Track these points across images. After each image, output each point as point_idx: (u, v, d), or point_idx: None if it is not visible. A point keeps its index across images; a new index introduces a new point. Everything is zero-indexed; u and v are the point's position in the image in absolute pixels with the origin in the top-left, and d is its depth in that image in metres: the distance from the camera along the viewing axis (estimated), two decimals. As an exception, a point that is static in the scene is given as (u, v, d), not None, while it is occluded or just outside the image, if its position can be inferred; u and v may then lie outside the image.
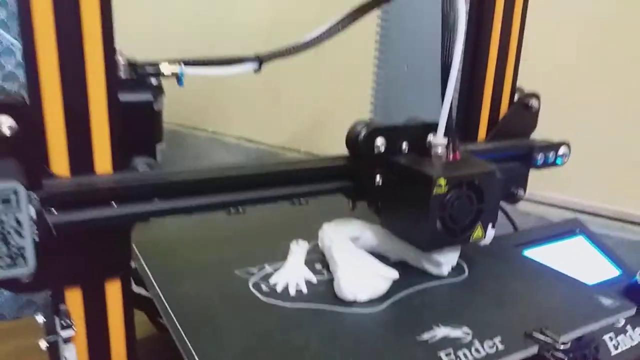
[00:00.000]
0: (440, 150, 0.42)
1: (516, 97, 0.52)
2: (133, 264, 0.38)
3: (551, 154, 0.51)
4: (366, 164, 0.41)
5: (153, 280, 0.39)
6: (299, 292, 0.39)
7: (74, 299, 0.35)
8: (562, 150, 0.51)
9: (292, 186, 0.39)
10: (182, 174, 0.35)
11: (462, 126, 0.51)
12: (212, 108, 1.45)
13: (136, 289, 0.41)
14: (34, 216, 0.29)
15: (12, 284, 0.31)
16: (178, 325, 0.33)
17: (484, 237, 0.42)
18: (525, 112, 0.52)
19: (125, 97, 0.34)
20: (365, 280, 0.38)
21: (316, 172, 0.40)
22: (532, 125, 0.53)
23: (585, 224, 0.56)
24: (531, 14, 0.50)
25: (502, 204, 0.56)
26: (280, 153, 1.48)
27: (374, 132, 0.41)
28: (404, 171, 0.40)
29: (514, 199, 0.53)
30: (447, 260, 0.42)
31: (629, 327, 0.45)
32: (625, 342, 0.44)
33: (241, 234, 0.47)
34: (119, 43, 0.33)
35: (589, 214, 1.04)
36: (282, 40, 0.45)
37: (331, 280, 0.39)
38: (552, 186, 0.83)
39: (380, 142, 0.41)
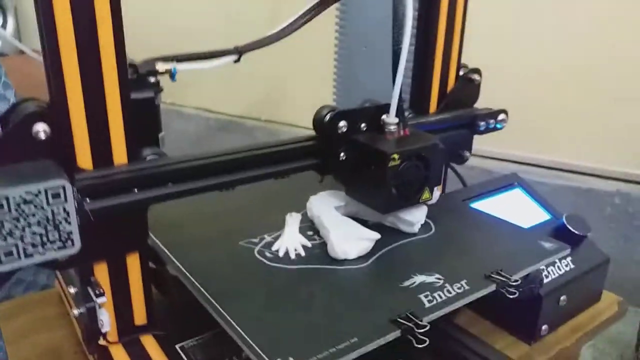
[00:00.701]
0: (392, 127, 0.48)
1: (461, 73, 0.60)
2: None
3: (491, 121, 0.59)
4: (331, 143, 0.48)
5: (169, 254, 0.45)
6: (297, 255, 0.45)
7: (101, 272, 0.41)
8: (501, 116, 0.60)
9: (273, 165, 0.45)
10: (188, 161, 0.41)
11: (417, 100, 0.58)
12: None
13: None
14: (76, 206, 0.34)
15: (52, 264, 0.37)
16: (203, 289, 0.40)
17: (431, 197, 0.50)
18: (469, 85, 0.60)
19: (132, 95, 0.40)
20: (353, 242, 0.45)
21: (291, 152, 0.46)
22: (476, 96, 0.61)
23: (522, 178, 0.65)
24: None
25: (452, 164, 0.65)
26: (240, 122, 1.53)
27: (337, 115, 0.47)
28: (363, 148, 0.47)
29: (461, 159, 0.62)
30: (417, 220, 0.49)
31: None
32: (554, 271, 0.54)
33: (237, 209, 0.53)
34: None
35: (526, 164, 1.16)
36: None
37: (323, 244, 0.47)
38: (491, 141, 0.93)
39: (342, 124, 0.47)
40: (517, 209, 0.61)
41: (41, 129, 0.35)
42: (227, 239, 0.48)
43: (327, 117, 0.47)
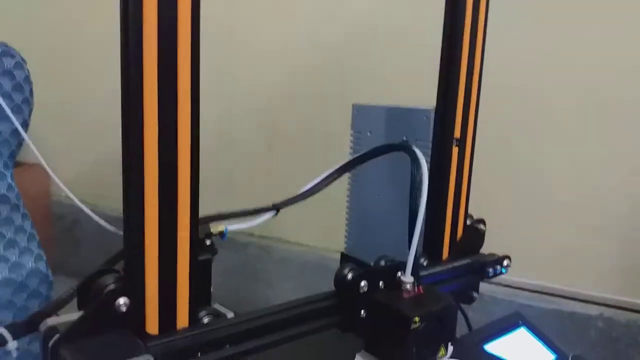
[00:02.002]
0: (409, 286, 0.52)
1: (468, 222, 0.66)
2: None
3: (498, 267, 0.65)
4: (353, 302, 0.50)
5: None
6: None
7: None
8: (505, 262, 0.66)
9: (300, 325, 0.48)
10: (240, 323, 0.44)
11: (431, 248, 0.64)
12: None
13: None
14: (152, 376, 0.37)
15: None
16: None
17: (446, 353, 0.52)
18: (476, 233, 0.66)
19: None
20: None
21: (314, 311, 0.49)
22: (481, 242, 0.67)
23: (524, 317, 0.70)
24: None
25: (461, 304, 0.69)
26: (232, 237, 1.56)
27: (359, 276, 0.50)
28: (385, 309, 0.50)
29: (470, 300, 0.67)
30: None
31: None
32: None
33: None
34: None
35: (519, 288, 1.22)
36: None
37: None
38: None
39: (363, 283, 0.50)
40: (524, 350, 0.65)
41: (122, 302, 0.38)
42: None
43: (349, 277, 0.50)
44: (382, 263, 0.53)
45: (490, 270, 0.64)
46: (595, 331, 1.14)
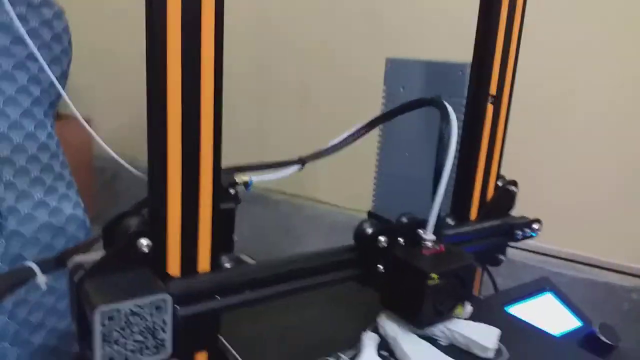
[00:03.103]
0: (429, 244, 0.51)
1: (499, 183, 0.64)
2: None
3: (527, 230, 0.63)
4: (372, 256, 0.50)
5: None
6: None
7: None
8: (535, 225, 0.64)
9: (320, 276, 0.48)
10: (262, 269, 0.45)
11: (459, 208, 0.63)
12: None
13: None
14: (172, 315, 0.38)
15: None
16: None
17: (463, 312, 0.52)
18: (506, 195, 0.64)
19: (215, 207, 0.44)
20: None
21: (336, 263, 0.49)
22: (512, 204, 0.65)
23: (552, 282, 0.68)
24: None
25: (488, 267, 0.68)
26: (265, 195, 1.58)
27: (378, 231, 0.50)
28: (403, 265, 0.49)
29: (497, 262, 0.66)
30: (491, 345, 0.49)
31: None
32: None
33: (304, 320, 0.54)
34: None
35: (547, 255, 1.19)
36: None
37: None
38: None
39: (383, 239, 0.50)
40: (549, 315, 0.64)
41: (145, 243, 0.39)
42: (299, 355, 0.48)
43: (369, 232, 0.50)
44: (404, 220, 0.53)
45: (519, 232, 0.62)
46: (629, 303, 1.11)
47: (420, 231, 0.52)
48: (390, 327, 0.50)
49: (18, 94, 0.77)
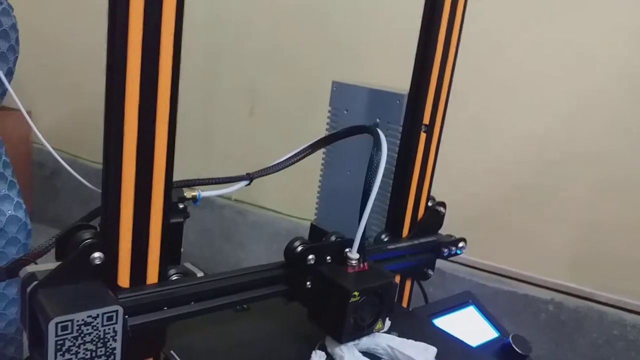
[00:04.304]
0: (354, 262, 0.55)
1: (430, 204, 0.70)
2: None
3: (453, 248, 0.69)
4: (300, 273, 0.53)
5: None
6: None
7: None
8: (461, 244, 0.70)
9: (253, 290, 0.52)
10: (209, 282, 0.48)
11: (392, 225, 0.68)
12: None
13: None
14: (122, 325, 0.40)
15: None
16: None
17: (384, 327, 0.56)
18: (436, 215, 0.70)
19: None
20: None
21: (265, 279, 0.52)
22: (440, 223, 0.71)
23: (475, 296, 0.75)
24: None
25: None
26: (211, 199, 1.60)
27: (307, 250, 0.53)
28: (328, 282, 0.53)
29: (426, 277, 0.71)
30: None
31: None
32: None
33: (252, 338, 0.57)
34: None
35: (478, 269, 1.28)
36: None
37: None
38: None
39: (311, 257, 0.53)
40: (470, 326, 0.70)
41: (97, 256, 0.41)
42: None
43: (298, 250, 0.53)
44: (333, 239, 0.57)
45: (446, 250, 0.68)
46: (546, 314, 1.21)
47: (347, 250, 0.56)
48: (337, 345, 0.53)
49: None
